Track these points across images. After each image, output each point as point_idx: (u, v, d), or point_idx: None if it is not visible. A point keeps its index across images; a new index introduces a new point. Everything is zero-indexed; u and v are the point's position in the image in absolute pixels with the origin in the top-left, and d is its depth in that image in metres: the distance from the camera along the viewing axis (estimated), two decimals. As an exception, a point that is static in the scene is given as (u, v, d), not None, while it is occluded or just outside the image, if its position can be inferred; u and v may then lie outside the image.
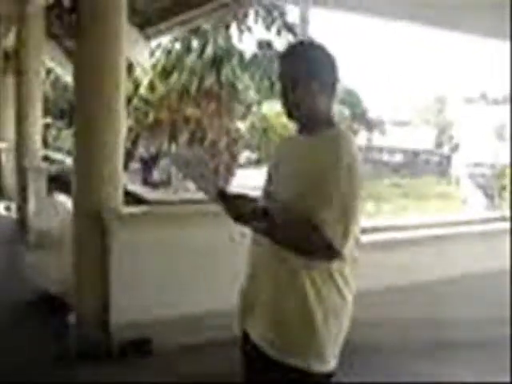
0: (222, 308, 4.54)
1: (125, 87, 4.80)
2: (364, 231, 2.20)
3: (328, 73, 2.25)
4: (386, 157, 36.47)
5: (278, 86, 2.39)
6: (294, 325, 2.13)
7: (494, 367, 4.43)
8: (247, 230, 2.23)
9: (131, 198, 5.33)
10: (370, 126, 40.60)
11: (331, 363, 2.18)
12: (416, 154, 36.34)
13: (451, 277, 5.34)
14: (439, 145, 43.90)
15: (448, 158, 36.10)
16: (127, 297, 4.46)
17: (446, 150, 41.51)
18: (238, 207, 2.06)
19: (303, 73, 2.21)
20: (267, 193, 2.35)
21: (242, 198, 2.08)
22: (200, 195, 2.31)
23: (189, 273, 4.64)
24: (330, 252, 2.05)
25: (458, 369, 4.44)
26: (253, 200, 2.09)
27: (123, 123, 4.84)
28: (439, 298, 5.23)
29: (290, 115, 2.29)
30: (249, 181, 13.36)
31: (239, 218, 2.08)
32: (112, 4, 4.60)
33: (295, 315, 2.13)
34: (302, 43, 2.48)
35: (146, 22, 9.05)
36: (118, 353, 4.40)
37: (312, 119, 2.24)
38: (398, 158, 36.39)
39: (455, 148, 39.35)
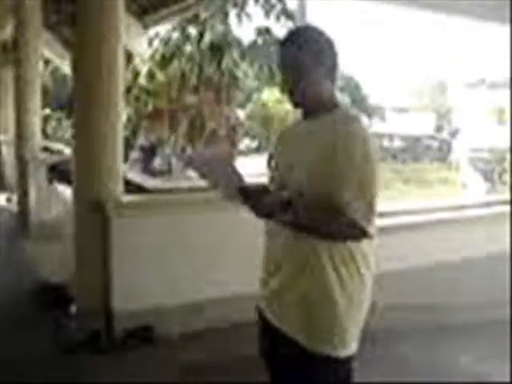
0: (224, 295, 4.58)
1: (123, 76, 4.79)
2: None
3: (330, 57, 2.23)
4: (386, 143, 36.32)
5: (277, 73, 2.36)
6: (318, 311, 2.13)
7: (493, 352, 4.44)
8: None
9: (131, 187, 5.32)
10: (370, 112, 40.55)
11: (352, 347, 2.18)
12: (416, 139, 36.18)
13: (452, 261, 5.34)
14: (439, 129, 43.76)
15: (448, 144, 35.98)
16: (128, 286, 4.48)
17: (445, 134, 41.38)
18: (261, 203, 2.04)
19: (307, 59, 2.19)
20: (275, 180, 2.32)
21: (262, 191, 2.06)
22: (201, 183, 2.29)
23: (190, 261, 4.65)
24: (357, 232, 2.05)
25: (458, 353, 4.46)
26: (273, 193, 2.08)
27: (122, 112, 4.84)
28: (440, 283, 5.24)
29: (294, 102, 2.27)
30: (249, 168, 13.33)
31: (263, 212, 2.07)
32: (109, -7, 4.58)
33: (318, 302, 2.12)
34: (302, 29, 2.41)
35: (143, 11, 9.01)
36: (119, 342, 4.41)
37: (317, 104, 2.22)
38: (398, 143, 36.23)
39: (455, 133, 39.23)
